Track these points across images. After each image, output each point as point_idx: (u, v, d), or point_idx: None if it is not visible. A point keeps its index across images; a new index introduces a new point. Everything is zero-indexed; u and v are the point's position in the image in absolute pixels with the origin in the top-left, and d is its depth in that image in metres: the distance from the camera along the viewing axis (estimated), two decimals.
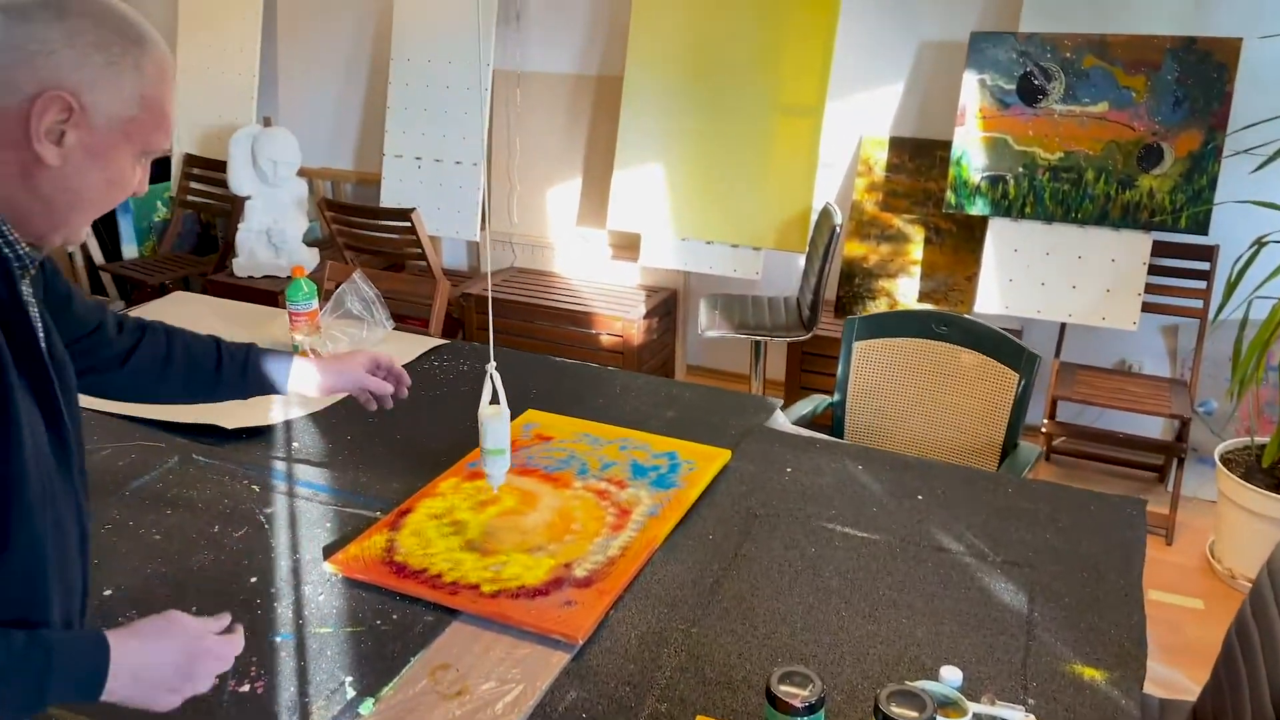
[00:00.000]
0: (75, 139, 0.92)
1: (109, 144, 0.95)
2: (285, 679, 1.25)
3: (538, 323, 3.79)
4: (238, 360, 1.42)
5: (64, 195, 0.95)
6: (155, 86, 0.97)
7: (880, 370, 2.35)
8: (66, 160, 0.93)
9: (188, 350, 1.38)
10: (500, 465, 1.58)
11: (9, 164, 0.91)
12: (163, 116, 0.98)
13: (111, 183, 0.97)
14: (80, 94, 0.91)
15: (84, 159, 0.94)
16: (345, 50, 4.52)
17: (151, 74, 0.96)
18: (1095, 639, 1.37)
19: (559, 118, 4.04)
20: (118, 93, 0.94)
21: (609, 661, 1.31)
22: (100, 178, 0.96)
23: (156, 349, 1.34)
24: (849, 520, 1.66)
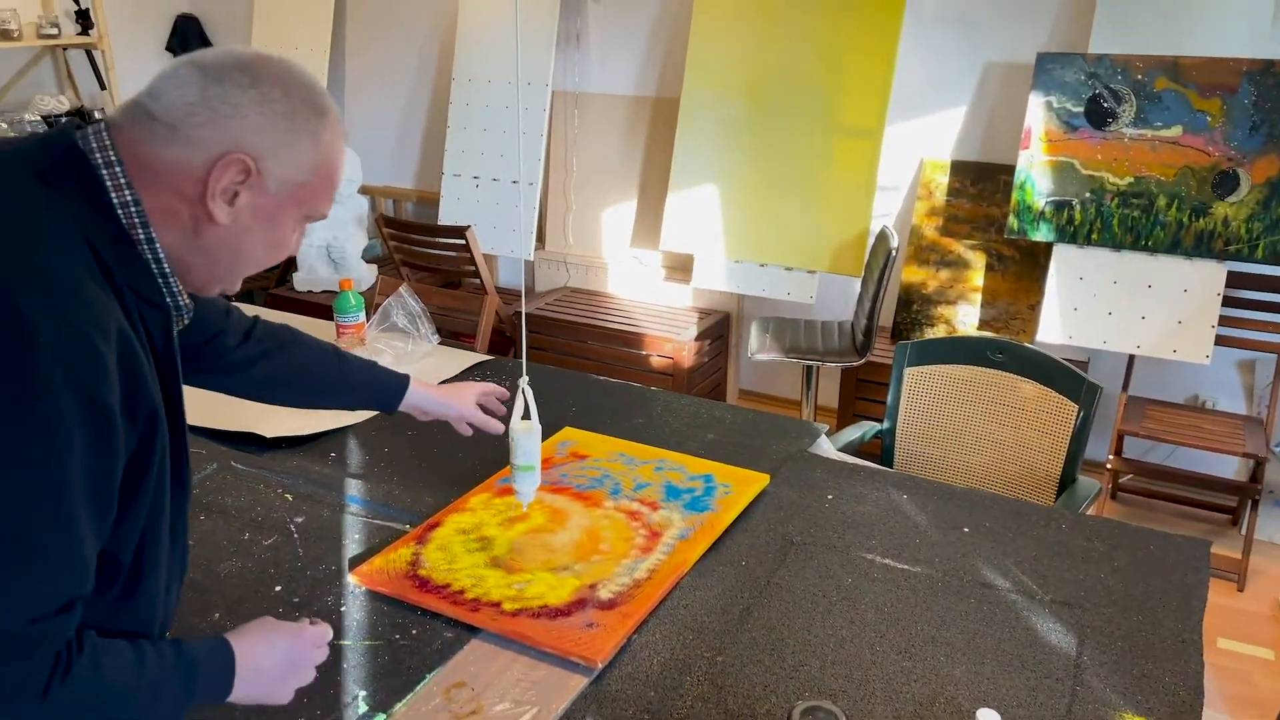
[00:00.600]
0: (247, 200, 0.94)
1: (278, 207, 0.96)
2: (300, 691, 1.23)
3: (589, 343, 3.77)
4: (356, 375, 1.50)
5: (227, 252, 0.97)
6: (329, 156, 0.98)
7: (932, 398, 2.27)
8: (236, 220, 0.95)
9: (307, 363, 1.44)
10: (530, 482, 1.56)
11: (182, 217, 0.93)
12: (331, 185, 1.00)
13: (273, 244, 1.00)
14: (260, 158, 0.93)
15: (252, 220, 0.96)
16: (410, 71, 4.59)
17: (327, 144, 0.97)
18: (1148, 687, 1.28)
19: (616, 138, 4.04)
20: (295, 160, 0.95)
21: (629, 687, 1.26)
22: (264, 238, 0.98)
23: (278, 360, 1.40)
24: (890, 551, 1.59)
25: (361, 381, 1.51)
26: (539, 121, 3.92)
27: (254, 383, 1.40)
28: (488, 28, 4.06)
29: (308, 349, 1.45)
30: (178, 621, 1.33)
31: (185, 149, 0.91)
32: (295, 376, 1.43)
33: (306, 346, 1.45)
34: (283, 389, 1.44)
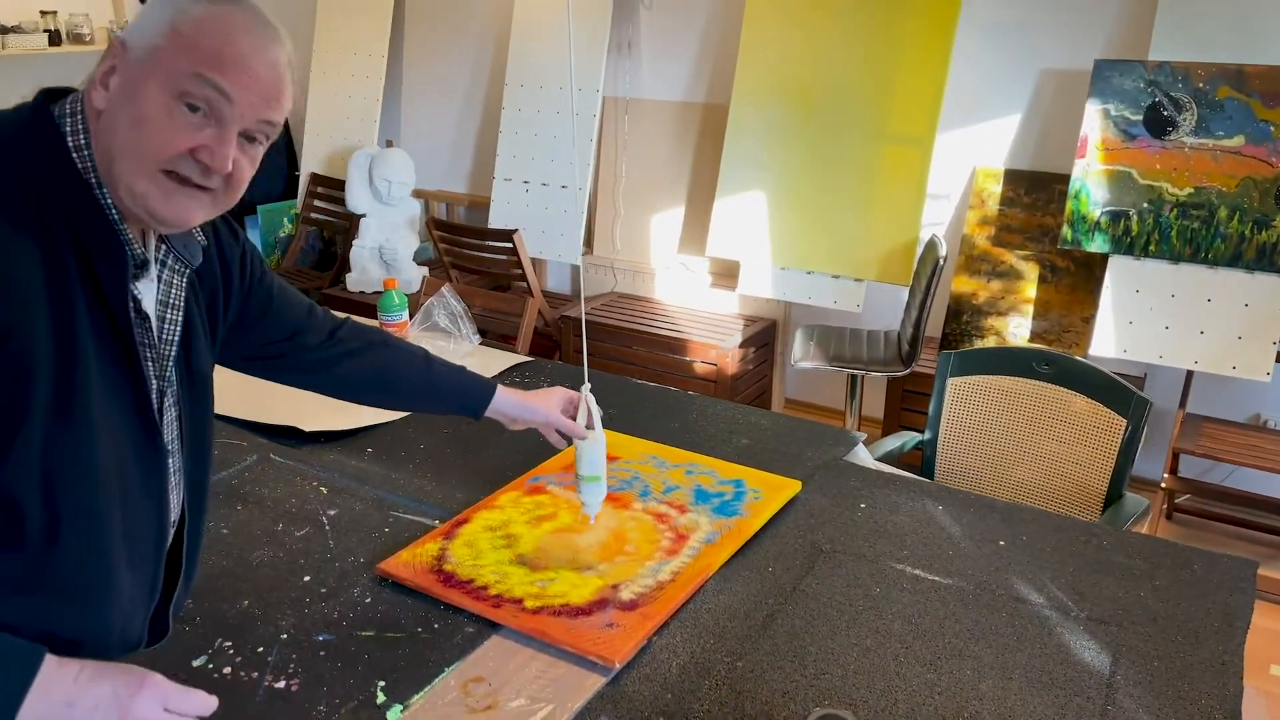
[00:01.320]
0: (117, 81, 0.93)
1: (138, 78, 0.91)
2: (320, 679, 1.25)
3: (634, 348, 3.77)
4: (444, 380, 1.49)
5: (109, 142, 0.92)
6: (196, 23, 0.92)
7: (976, 409, 2.23)
8: (109, 104, 0.93)
9: (394, 365, 1.44)
10: (594, 493, 1.54)
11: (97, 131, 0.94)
12: (197, 52, 0.91)
13: (135, 120, 0.91)
14: (128, 35, 0.93)
15: (120, 97, 0.92)
16: (465, 77, 4.65)
17: (197, 13, 0.92)
18: (1183, 709, 1.24)
19: (665, 145, 4.05)
20: (149, 24, 0.93)
21: (645, 689, 1.26)
22: (127, 116, 0.91)
23: (363, 360, 1.40)
24: (921, 562, 1.56)
25: (448, 386, 1.50)
26: (589, 127, 3.94)
27: (339, 382, 1.40)
28: (541, 33, 4.10)
29: (395, 351, 1.45)
30: (204, 605, 1.37)
31: None
32: (381, 378, 1.43)
33: (394, 349, 1.45)
34: (368, 389, 1.44)
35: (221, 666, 1.27)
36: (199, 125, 0.93)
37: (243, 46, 0.93)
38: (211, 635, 1.33)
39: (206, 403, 1.14)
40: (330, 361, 1.37)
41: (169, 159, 0.93)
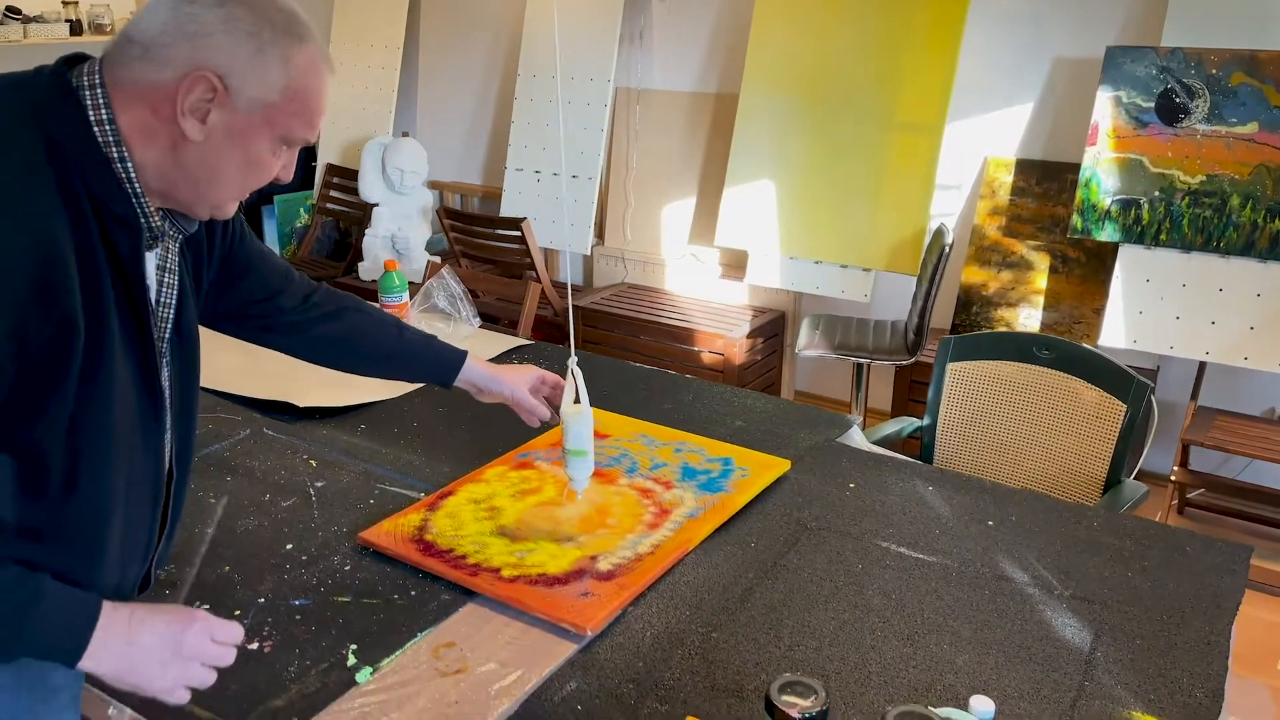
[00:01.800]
0: (218, 118, 0.97)
1: (249, 126, 0.99)
2: (293, 642, 1.26)
3: (642, 337, 3.77)
4: (415, 347, 1.51)
5: (204, 170, 1.00)
6: (301, 79, 1.00)
7: (975, 394, 2.21)
8: (208, 137, 0.98)
9: (366, 330, 1.46)
10: (580, 468, 1.53)
11: (159, 136, 0.97)
12: (304, 108, 1.02)
13: (249, 164, 1.02)
14: (226, 76, 0.96)
15: (224, 138, 0.99)
16: (480, 69, 4.67)
17: (299, 66, 1.00)
18: (1163, 686, 1.22)
19: (676, 135, 4.04)
20: (262, 80, 0.98)
21: (617, 656, 1.25)
22: (239, 157, 1.01)
23: (337, 324, 1.43)
24: (906, 540, 1.55)
25: (419, 353, 1.51)
26: (600, 117, 3.94)
27: (314, 344, 1.43)
28: (554, 24, 4.10)
29: (368, 318, 1.47)
30: (185, 570, 1.38)
31: (156, 68, 0.96)
32: (353, 342, 1.45)
33: (367, 315, 1.47)
34: (340, 353, 1.46)
35: None
36: (285, 154, 1.06)
37: (325, 94, 1.05)
38: (190, 598, 1.34)
39: (195, 361, 1.16)
40: (305, 324, 1.39)
41: (261, 185, 1.06)
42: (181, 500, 1.21)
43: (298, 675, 1.20)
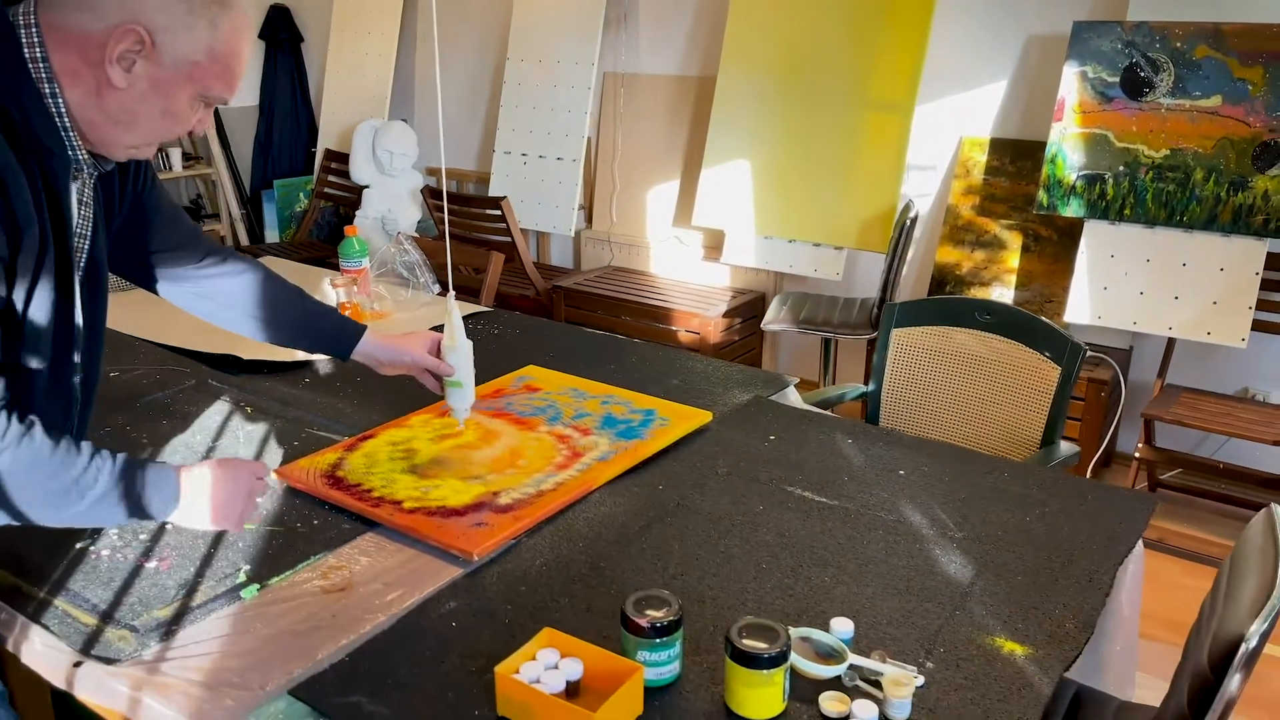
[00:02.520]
0: (142, 69, 1.05)
1: (172, 81, 1.07)
2: (190, 561, 1.31)
3: (623, 317, 3.81)
4: (314, 316, 1.53)
5: (124, 115, 1.08)
6: (225, 42, 1.09)
7: (918, 360, 2.22)
8: (131, 85, 1.06)
9: (268, 294, 1.48)
10: (459, 398, 1.59)
11: (86, 80, 1.05)
12: (226, 70, 1.10)
13: (167, 114, 1.10)
14: (155, 32, 1.04)
15: (147, 88, 1.07)
16: (472, 55, 4.73)
17: (225, 30, 1.08)
18: (1033, 617, 1.24)
19: (660, 119, 4.08)
20: (189, 40, 1.06)
21: (501, 582, 1.29)
22: (159, 107, 1.09)
23: (234, 283, 1.45)
24: (812, 486, 1.57)
25: (316, 321, 1.53)
26: (584, 100, 3.99)
27: (214, 299, 1.45)
28: (541, 9, 4.15)
29: (269, 281, 1.49)
30: None
31: (90, 17, 1.03)
32: (247, 300, 1.47)
33: (272, 281, 1.49)
34: (242, 313, 1.47)
35: (102, 549, 1.33)
36: (203, 110, 1.14)
37: (245, 59, 1.14)
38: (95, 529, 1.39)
39: (104, 291, 1.24)
40: (209, 279, 1.43)
41: (178, 136, 1.15)
42: (85, 427, 1.26)
43: (187, 591, 1.24)
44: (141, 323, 2.19)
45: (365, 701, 1.06)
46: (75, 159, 1.10)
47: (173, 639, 1.15)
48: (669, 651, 1.09)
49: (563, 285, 3.92)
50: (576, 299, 3.91)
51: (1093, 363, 2.99)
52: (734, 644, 1.04)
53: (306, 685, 1.08)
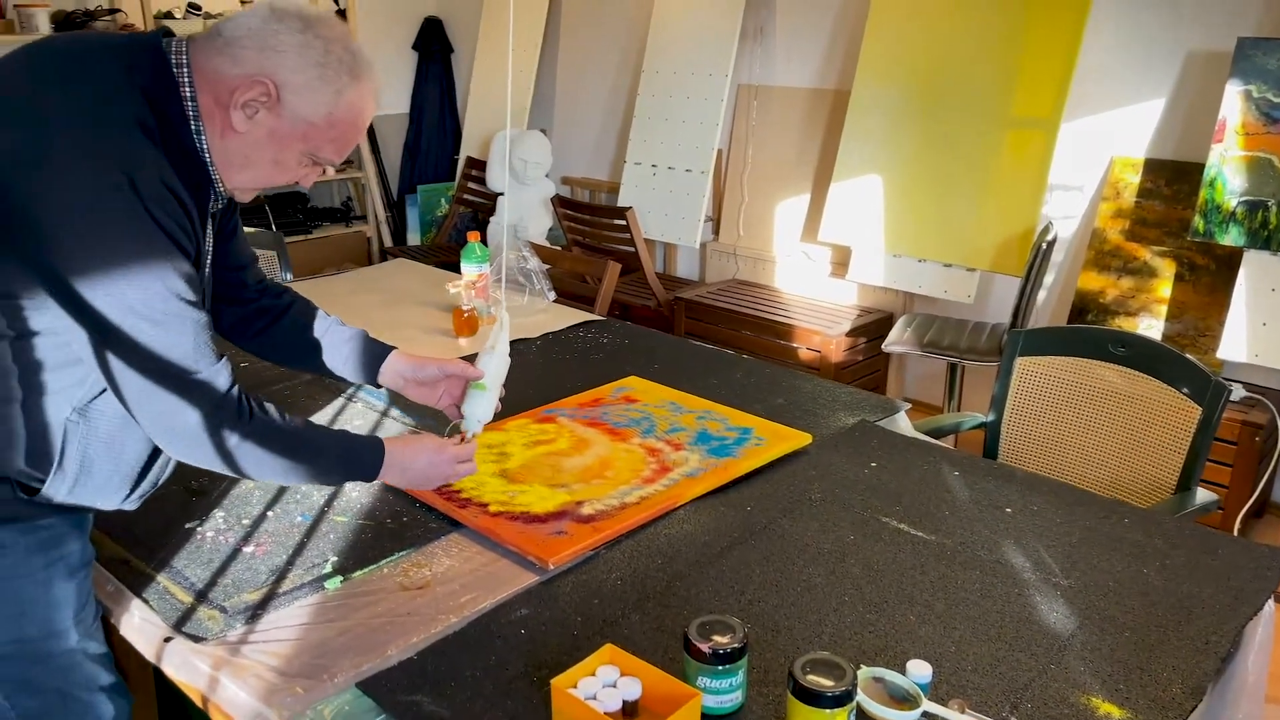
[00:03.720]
0: (263, 119, 1.13)
1: (287, 135, 1.14)
2: (284, 549, 1.36)
3: (743, 332, 3.77)
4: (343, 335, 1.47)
5: (239, 158, 1.16)
6: (345, 112, 1.15)
7: (1043, 391, 2.10)
8: (250, 132, 1.13)
9: (307, 323, 1.46)
10: (477, 402, 1.42)
11: (216, 119, 1.13)
12: (340, 136, 1.17)
13: (277, 164, 1.17)
14: (282, 88, 1.12)
15: (264, 136, 1.14)
16: (613, 68, 4.80)
17: (347, 101, 1.15)
18: (1138, 678, 1.14)
19: (792, 132, 4.02)
20: (311, 102, 1.13)
21: (575, 593, 1.28)
22: (269, 156, 1.16)
23: (272, 314, 1.45)
24: (909, 518, 1.50)
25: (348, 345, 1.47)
26: (715, 112, 3.97)
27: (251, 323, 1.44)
28: (678, 22, 4.17)
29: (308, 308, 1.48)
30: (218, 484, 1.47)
31: (230, 63, 1.11)
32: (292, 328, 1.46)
33: (308, 307, 1.48)
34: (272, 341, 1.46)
35: (208, 531, 1.41)
36: (310, 169, 1.21)
37: (361, 130, 1.20)
38: (209, 507, 1.47)
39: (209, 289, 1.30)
40: (255, 300, 1.43)
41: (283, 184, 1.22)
42: None
43: (276, 577, 1.29)
44: None
45: (427, 701, 1.08)
46: (217, 192, 1.18)
47: (257, 623, 1.19)
48: (731, 680, 1.06)
49: (684, 297, 3.92)
50: (697, 311, 3.89)
51: (1248, 404, 2.76)
52: (796, 679, 1.00)
53: (373, 680, 1.10)
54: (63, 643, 1.17)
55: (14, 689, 1.15)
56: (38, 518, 1.14)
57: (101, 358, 1.07)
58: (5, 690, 1.15)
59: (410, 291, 2.63)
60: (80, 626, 1.19)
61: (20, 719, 1.16)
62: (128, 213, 1.03)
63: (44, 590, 1.15)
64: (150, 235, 1.05)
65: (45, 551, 1.15)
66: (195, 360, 1.09)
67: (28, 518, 1.13)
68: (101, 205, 1.02)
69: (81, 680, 1.20)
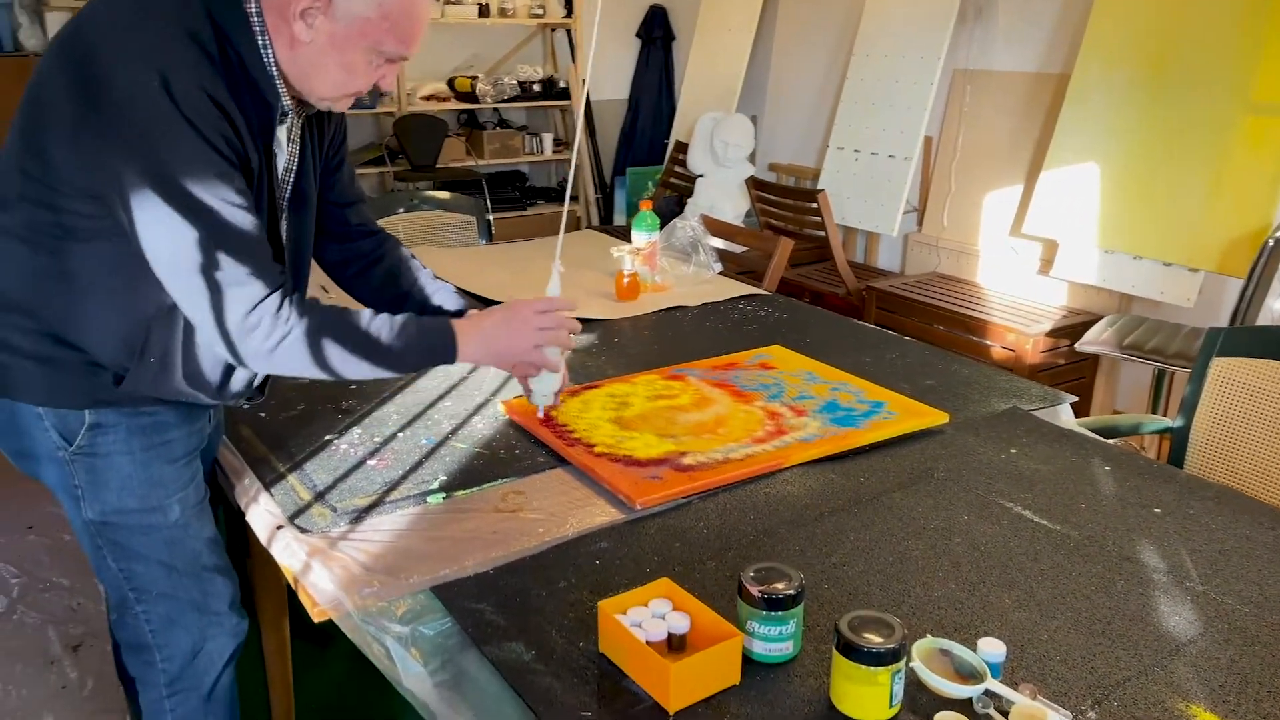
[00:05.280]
0: (322, 25, 1.19)
1: (345, 36, 1.18)
2: (402, 465, 1.46)
3: (935, 326, 3.59)
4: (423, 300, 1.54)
5: (310, 68, 1.22)
6: (395, 3, 1.18)
7: (1244, 397, 1.86)
8: (313, 40, 1.20)
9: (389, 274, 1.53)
10: (544, 380, 1.46)
11: (284, 34, 1.21)
12: (397, 26, 1.19)
13: (344, 67, 1.21)
14: None
15: (326, 43, 1.20)
16: (822, 52, 4.71)
17: None
18: (1254, 693, 1.00)
19: (1008, 119, 3.78)
20: None
21: (659, 535, 1.29)
22: (335, 61, 1.20)
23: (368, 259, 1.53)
24: (1037, 507, 1.39)
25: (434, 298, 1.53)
26: (924, 97, 3.81)
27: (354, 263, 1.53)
28: (895, 3, 4.03)
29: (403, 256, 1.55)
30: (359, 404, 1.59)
31: None
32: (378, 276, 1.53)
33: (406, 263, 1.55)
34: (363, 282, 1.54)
35: (342, 443, 1.53)
36: (384, 67, 1.24)
37: (423, 20, 1.22)
38: (350, 424, 1.60)
39: (310, 222, 1.39)
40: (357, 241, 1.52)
41: (362, 90, 1.25)
42: None
43: (388, 488, 1.39)
44: (460, 271, 2.47)
45: (489, 610, 1.12)
46: (282, 105, 1.23)
47: (359, 524, 1.29)
48: (782, 628, 1.03)
49: (876, 286, 3.79)
50: (889, 301, 3.75)
51: None
52: (841, 634, 0.96)
53: (446, 587, 1.16)
54: (162, 517, 1.31)
55: (120, 554, 1.31)
56: (140, 404, 1.27)
57: (152, 257, 1.14)
58: (114, 554, 1.31)
59: (587, 257, 2.71)
60: (181, 506, 1.32)
61: (130, 584, 1.32)
62: (160, 111, 1.08)
63: (142, 469, 1.28)
64: (181, 134, 1.09)
65: (146, 435, 1.28)
66: (234, 262, 1.13)
67: (130, 403, 1.26)
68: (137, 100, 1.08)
69: (185, 555, 1.34)
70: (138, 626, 1.35)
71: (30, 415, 1.25)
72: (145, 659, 1.38)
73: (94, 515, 1.29)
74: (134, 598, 1.33)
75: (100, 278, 1.20)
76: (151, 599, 1.34)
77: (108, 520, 1.29)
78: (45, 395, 1.24)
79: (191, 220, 1.12)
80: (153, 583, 1.32)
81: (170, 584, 1.33)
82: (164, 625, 1.35)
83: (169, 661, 1.37)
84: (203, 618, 1.37)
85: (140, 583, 1.32)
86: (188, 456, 1.34)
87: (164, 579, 1.32)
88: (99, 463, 1.27)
